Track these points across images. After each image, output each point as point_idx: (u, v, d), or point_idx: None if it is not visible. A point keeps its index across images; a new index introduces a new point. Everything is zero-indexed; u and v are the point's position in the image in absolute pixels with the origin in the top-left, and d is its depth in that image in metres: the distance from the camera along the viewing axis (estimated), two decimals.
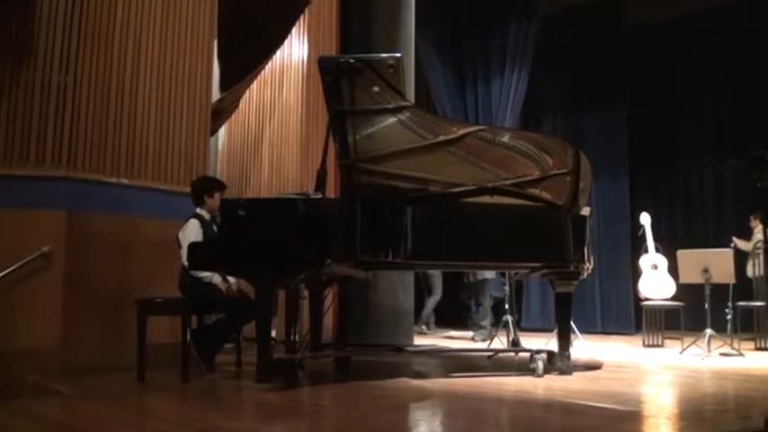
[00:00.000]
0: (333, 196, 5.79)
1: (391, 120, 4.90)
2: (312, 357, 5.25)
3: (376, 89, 4.78)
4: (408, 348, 6.06)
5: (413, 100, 5.84)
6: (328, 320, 6.00)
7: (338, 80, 4.74)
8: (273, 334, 4.64)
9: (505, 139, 5.07)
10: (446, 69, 10.00)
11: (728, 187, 10.35)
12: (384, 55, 4.93)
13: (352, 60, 4.75)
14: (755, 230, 8.60)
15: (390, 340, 6.41)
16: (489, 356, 6.02)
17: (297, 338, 4.40)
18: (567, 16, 10.51)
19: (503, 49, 9.76)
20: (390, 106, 4.86)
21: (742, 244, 8.48)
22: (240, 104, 7.59)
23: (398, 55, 4.91)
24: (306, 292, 5.34)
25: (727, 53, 10.06)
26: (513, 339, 6.49)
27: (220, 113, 7.03)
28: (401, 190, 4.90)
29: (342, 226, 4.38)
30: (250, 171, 7.75)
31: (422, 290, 9.16)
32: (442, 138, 4.94)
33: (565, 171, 5.04)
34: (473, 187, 4.97)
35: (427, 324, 9.38)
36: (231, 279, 4.94)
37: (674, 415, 3.67)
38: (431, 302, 9.27)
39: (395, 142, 4.90)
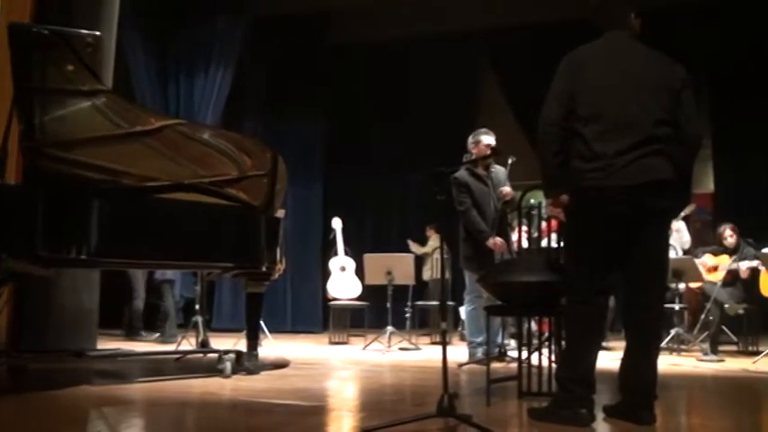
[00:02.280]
0: (13, 182, 5.21)
1: (85, 103, 4.51)
2: None
3: (71, 68, 4.38)
4: (90, 353, 5.64)
5: (110, 85, 5.49)
6: (0, 324, 5.39)
7: (29, 52, 4.26)
8: None
9: (205, 136, 4.98)
10: (149, 58, 9.54)
11: (412, 198, 11.39)
12: (83, 31, 4.55)
13: (46, 32, 4.32)
14: (431, 239, 9.70)
15: (72, 345, 5.92)
16: (177, 359, 5.87)
17: None
18: (276, 23, 10.67)
19: (209, 45, 9.61)
20: (85, 88, 4.47)
21: (416, 247, 9.44)
22: None
23: (98, 33, 4.57)
24: None
25: (422, 77, 11.04)
26: (203, 340, 6.41)
27: None
28: (90, 181, 4.51)
29: (20, 217, 3.95)
30: None
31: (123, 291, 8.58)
32: (138, 128, 4.66)
33: (262, 173, 5.07)
34: (168, 183, 4.75)
35: (133, 328, 8.56)
36: None
37: (355, 407, 3.90)
38: (135, 305, 8.55)
39: (87, 128, 4.52)
